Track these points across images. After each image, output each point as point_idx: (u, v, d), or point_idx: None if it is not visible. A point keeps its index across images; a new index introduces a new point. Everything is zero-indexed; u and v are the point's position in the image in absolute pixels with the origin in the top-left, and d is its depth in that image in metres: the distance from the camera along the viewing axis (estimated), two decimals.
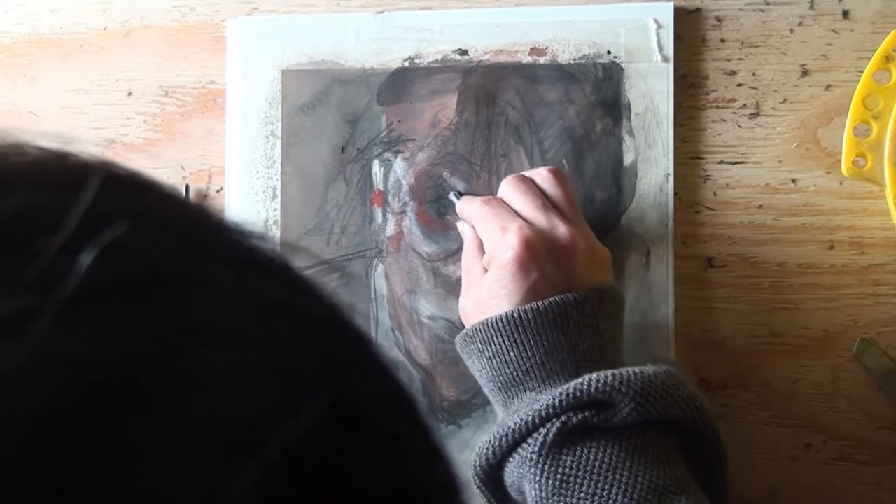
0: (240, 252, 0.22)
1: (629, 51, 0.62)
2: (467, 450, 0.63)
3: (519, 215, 0.54)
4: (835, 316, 0.61)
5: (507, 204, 0.55)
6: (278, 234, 0.65)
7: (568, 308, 0.50)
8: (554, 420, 0.47)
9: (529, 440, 0.47)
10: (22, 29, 0.69)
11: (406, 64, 0.65)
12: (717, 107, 0.62)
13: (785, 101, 0.62)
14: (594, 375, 0.47)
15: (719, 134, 0.62)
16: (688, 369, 0.61)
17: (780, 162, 0.62)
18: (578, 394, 0.47)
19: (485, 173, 0.63)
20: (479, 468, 0.49)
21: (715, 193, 0.62)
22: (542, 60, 0.63)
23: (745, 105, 0.62)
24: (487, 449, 0.49)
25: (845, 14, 0.62)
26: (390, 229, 0.64)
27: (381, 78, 0.65)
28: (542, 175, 0.56)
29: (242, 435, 0.17)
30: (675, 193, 0.62)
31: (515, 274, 0.51)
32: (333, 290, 0.21)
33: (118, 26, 0.68)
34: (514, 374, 0.50)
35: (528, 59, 0.63)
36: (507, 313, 0.50)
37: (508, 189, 0.56)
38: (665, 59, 0.62)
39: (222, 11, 0.67)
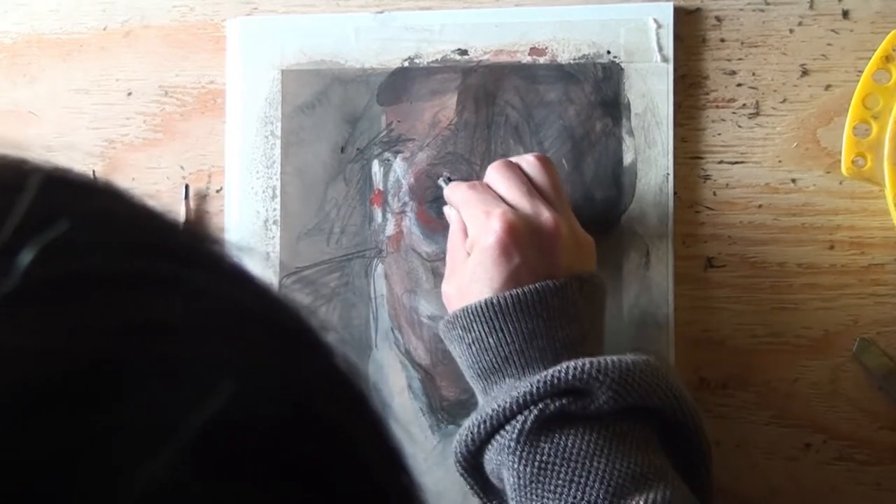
0: (183, 251, 0.22)
1: (629, 51, 0.62)
2: None
3: (504, 200, 0.54)
4: (835, 316, 0.61)
5: (492, 189, 0.55)
6: (278, 233, 0.65)
7: (548, 295, 0.50)
8: (531, 407, 0.47)
9: (507, 427, 0.47)
10: (22, 29, 0.69)
11: (406, 64, 0.65)
12: (717, 107, 0.62)
13: (785, 100, 0.62)
14: (572, 363, 0.47)
15: (719, 134, 0.62)
16: (688, 369, 0.61)
17: (779, 162, 0.62)
18: (556, 381, 0.47)
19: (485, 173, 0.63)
20: (459, 455, 0.50)
21: (715, 193, 0.62)
22: (541, 60, 0.63)
23: (744, 105, 0.62)
24: (466, 436, 0.49)
25: (845, 14, 0.62)
26: (390, 229, 0.64)
27: (381, 78, 0.65)
28: (528, 161, 0.56)
29: (162, 423, 0.17)
30: (675, 193, 0.62)
31: (497, 259, 0.51)
32: (286, 292, 0.22)
33: (118, 26, 0.68)
34: (493, 360, 0.50)
35: (527, 59, 0.63)
36: (486, 299, 0.50)
37: (494, 174, 0.56)
38: (665, 59, 0.62)
39: (222, 11, 0.67)
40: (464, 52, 0.64)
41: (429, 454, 0.63)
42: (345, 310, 0.64)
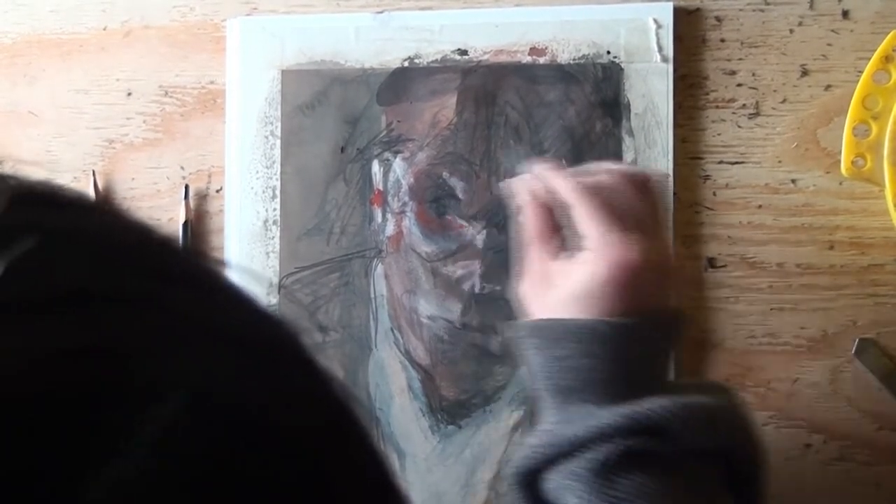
0: (153, 265, 0.22)
1: (629, 51, 0.62)
2: (467, 449, 0.63)
3: (626, 218, 0.50)
4: (834, 316, 0.61)
5: (612, 198, 0.51)
6: (278, 233, 0.65)
7: (652, 330, 0.49)
8: (614, 441, 0.45)
9: (583, 455, 0.46)
10: (22, 29, 0.69)
11: (406, 64, 0.65)
12: (717, 107, 0.62)
13: (785, 101, 0.62)
14: (659, 401, 0.46)
15: (719, 134, 0.62)
16: (688, 369, 0.61)
17: (779, 162, 0.62)
18: (641, 418, 0.45)
19: (484, 173, 0.63)
20: (520, 469, 0.48)
21: (715, 193, 0.62)
22: (541, 60, 0.63)
23: (744, 105, 0.62)
24: (533, 453, 0.47)
25: (845, 14, 0.62)
26: (390, 229, 0.64)
27: (381, 78, 0.65)
28: (650, 183, 0.52)
29: (116, 436, 0.17)
30: (675, 193, 0.62)
31: (616, 286, 0.48)
32: (264, 303, 0.22)
33: (118, 26, 0.68)
34: (578, 382, 0.48)
35: (527, 59, 0.63)
36: (592, 322, 0.48)
37: (618, 186, 0.51)
38: (665, 59, 0.62)
39: (222, 11, 0.67)
40: (464, 52, 0.64)
41: (429, 454, 0.63)
42: (345, 310, 0.64)
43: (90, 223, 0.22)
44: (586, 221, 0.49)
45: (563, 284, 0.50)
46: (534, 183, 0.53)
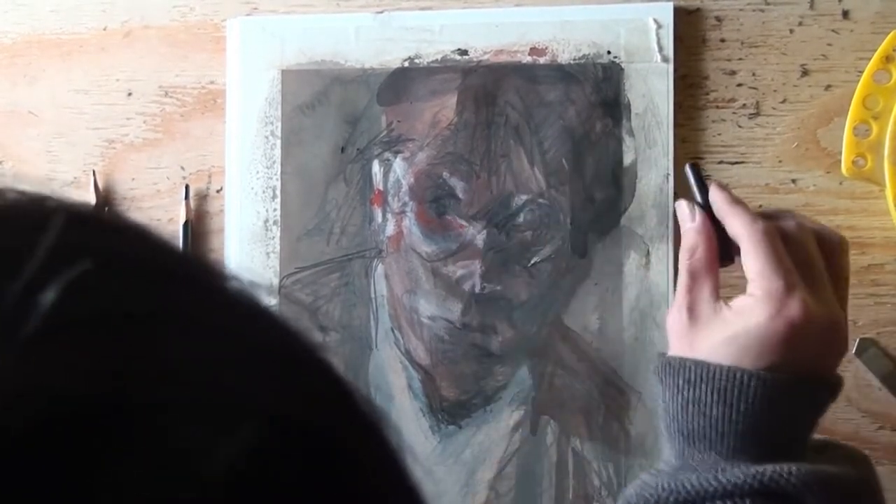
0: (201, 288, 0.23)
1: (629, 51, 0.62)
2: (467, 449, 0.63)
3: (803, 272, 0.47)
4: None
5: (792, 248, 0.47)
6: (278, 234, 0.65)
7: (799, 393, 0.46)
8: (738, 501, 0.44)
9: None
10: (22, 29, 0.69)
11: (406, 64, 0.65)
12: (717, 107, 0.62)
13: (785, 101, 0.62)
14: (792, 467, 0.44)
15: (719, 134, 0.62)
16: None
17: (779, 162, 0.62)
18: (770, 483, 0.43)
19: (484, 173, 0.63)
20: None
21: None
22: (541, 60, 0.63)
23: (745, 105, 0.62)
24: (650, 494, 0.45)
25: (845, 14, 0.62)
26: (390, 229, 0.64)
27: (381, 78, 0.65)
28: (840, 245, 0.49)
29: (187, 461, 0.17)
30: (675, 193, 0.62)
31: (777, 342, 0.45)
32: (305, 327, 0.23)
33: (118, 26, 0.68)
34: (707, 430, 0.46)
35: (527, 59, 0.63)
36: (735, 370, 0.45)
37: (804, 238, 0.48)
38: (665, 59, 0.62)
39: (222, 11, 0.67)
40: (464, 53, 0.64)
41: (429, 454, 0.63)
42: (345, 310, 0.64)
43: (138, 246, 0.23)
44: (756, 267, 0.46)
45: (715, 326, 0.47)
46: (704, 215, 0.50)
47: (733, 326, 0.46)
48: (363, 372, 0.64)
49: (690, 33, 0.63)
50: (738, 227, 0.48)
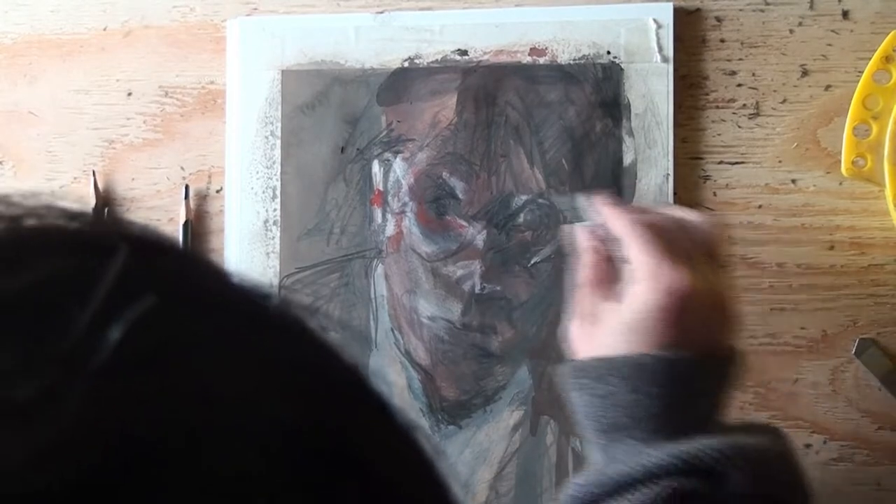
0: (257, 315, 0.23)
1: (629, 51, 0.62)
2: (467, 449, 0.63)
3: (679, 251, 0.49)
4: (834, 316, 0.61)
5: (665, 234, 0.50)
6: (278, 234, 0.65)
7: (704, 368, 0.47)
8: (664, 481, 0.44)
9: (630, 496, 0.45)
10: (22, 29, 0.69)
11: (406, 64, 0.65)
12: (717, 107, 0.62)
13: (785, 101, 0.62)
14: (710, 441, 0.45)
15: (719, 134, 0.62)
16: None
17: (779, 162, 0.62)
18: (690, 459, 0.44)
19: (484, 173, 0.63)
20: None
21: (715, 194, 0.62)
22: (541, 61, 0.63)
23: (744, 105, 0.62)
24: (578, 491, 0.46)
25: (845, 14, 0.62)
26: (390, 229, 0.64)
27: (381, 78, 0.65)
28: (704, 226, 0.51)
29: (246, 489, 0.18)
30: (675, 193, 0.62)
31: (665, 315, 0.46)
32: (350, 352, 0.23)
33: (118, 26, 0.68)
34: (622, 419, 0.47)
35: (527, 59, 0.63)
36: (636, 356, 0.46)
37: (672, 225, 0.50)
38: (665, 60, 0.62)
39: (222, 12, 0.67)
40: (464, 53, 0.64)
41: None
42: (345, 310, 0.64)
43: (190, 272, 0.23)
44: (638, 254, 0.48)
45: (611, 320, 0.48)
46: (594, 231, 0.52)
47: (626, 315, 0.47)
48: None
49: (690, 33, 0.63)
50: (619, 226, 0.50)
